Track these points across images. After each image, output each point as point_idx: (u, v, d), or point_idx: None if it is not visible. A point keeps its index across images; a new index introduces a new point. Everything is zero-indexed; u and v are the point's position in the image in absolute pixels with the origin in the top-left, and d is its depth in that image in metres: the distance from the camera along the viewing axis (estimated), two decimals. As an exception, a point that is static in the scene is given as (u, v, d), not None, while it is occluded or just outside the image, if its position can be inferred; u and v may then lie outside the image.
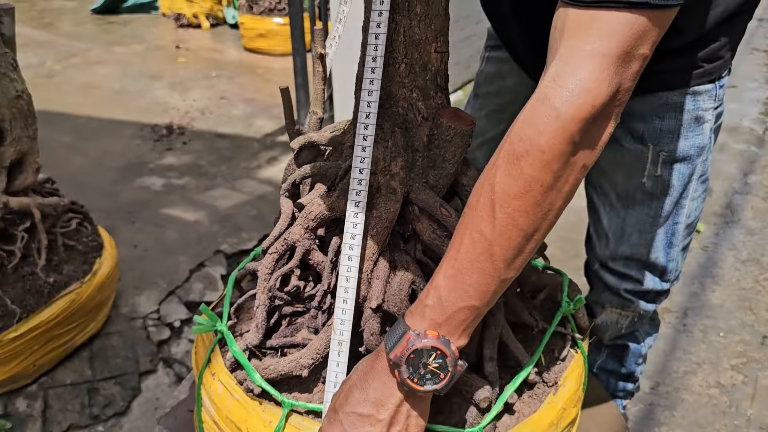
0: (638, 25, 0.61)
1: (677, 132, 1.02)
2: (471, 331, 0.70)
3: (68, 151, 3.04)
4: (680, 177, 1.06)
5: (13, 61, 1.48)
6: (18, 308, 1.50)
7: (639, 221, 1.11)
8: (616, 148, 1.08)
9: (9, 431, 1.50)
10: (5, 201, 1.51)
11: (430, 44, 0.80)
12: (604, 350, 1.33)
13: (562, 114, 0.61)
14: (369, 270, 0.82)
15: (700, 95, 1.00)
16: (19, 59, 3.62)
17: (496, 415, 0.81)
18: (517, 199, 0.64)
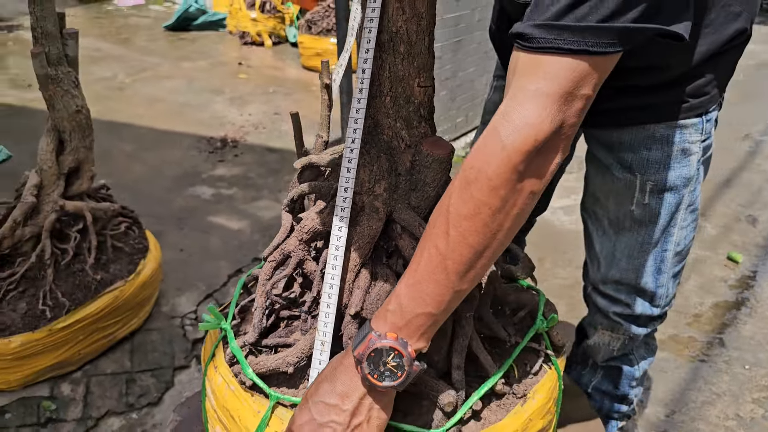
0: (579, 69, 0.68)
1: (664, 163, 1.07)
2: (429, 336, 0.78)
3: (129, 159, 3.27)
4: (667, 206, 1.10)
5: (75, 80, 1.66)
6: (67, 301, 1.67)
7: (628, 247, 1.16)
8: (608, 177, 1.13)
9: (53, 412, 1.66)
10: (62, 204, 1.68)
11: (413, 79, 0.88)
12: (599, 371, 1.36)
13: (507, 146, 0.69)
14: (351, 280, 0.91)
15: (686, 128, 1.05)
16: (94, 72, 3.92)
17: (460, 420, 0.88)
18: (467, 219, 0.71)
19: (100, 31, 6.22)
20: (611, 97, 1.04)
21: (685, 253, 1.19)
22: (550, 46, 0.67)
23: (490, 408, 0.93)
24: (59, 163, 1.70)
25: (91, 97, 4.21)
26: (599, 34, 0.66)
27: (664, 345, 2.08)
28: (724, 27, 0.98)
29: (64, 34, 1.64)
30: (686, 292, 2.36)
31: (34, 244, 1.69)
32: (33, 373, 1.67)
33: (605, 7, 0.65)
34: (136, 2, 7.68)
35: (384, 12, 0.85)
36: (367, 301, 0.90)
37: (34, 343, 1.62)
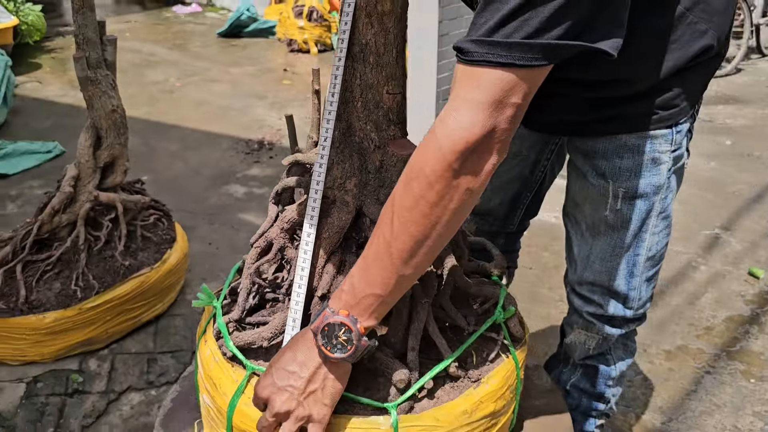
0: (507, 80, 0.76)
1: (634, 171, 1.13)
2: (378, 315, 0.87)
3: (172, 157, 3.46)
4: (638, 212, 1.16)
5: (112, 82, 1.82)
6: (97, 283, 1.83)
7: (602, 250, 1.22)
8: (584, 183, 1.20)
9: (80, 384, 1.81)
10: (96, 195, 1.85)
11: (382, 87, 0.98)
12: (578, 370, 1.42)
13: (443, 147, 0.77)
14: (321, 266, 1.01)
15: (656, 138, 1.11)
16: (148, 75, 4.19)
17: (413, 396, 0.96)
18: (408, 211, 0.81)
19: (157, 36, 6.54)
20: (586, 108, 1.12)
21: (659, 258, 1.24)
22: (482, 60, 0.76)
23: (444, 389, 1.01)
24: (96, 157, 1.87)
25: (144, 99, 4.48)
26: (525, 50, 0.74)
27: (670, 355, 2.10)
28: (690, 44, 1.04)
29: (104, 40, 1.80)
30: (700, 305, 2.36)
31: (70, 230, 1.86)
32: (64, 348, 1.84)
33: (529, 25, 0.73)
34: (194, 10, 8.01)
35: (355, 26, 0.95)
36: (334, 285, 1.00)
37: (65, 320, 1.79)
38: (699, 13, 1.03)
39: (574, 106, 1.13)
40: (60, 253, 1.83)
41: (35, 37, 5.61)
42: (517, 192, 1.45)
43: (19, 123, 3.92)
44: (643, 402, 1.92)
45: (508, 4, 0.73)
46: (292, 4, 6.04)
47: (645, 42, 1.01)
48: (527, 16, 0.73)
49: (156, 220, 2.08)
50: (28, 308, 1.76)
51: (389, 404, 0.95)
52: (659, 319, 2.28)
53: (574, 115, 1.14)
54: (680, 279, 2.53)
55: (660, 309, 2.34)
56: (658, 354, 2.12)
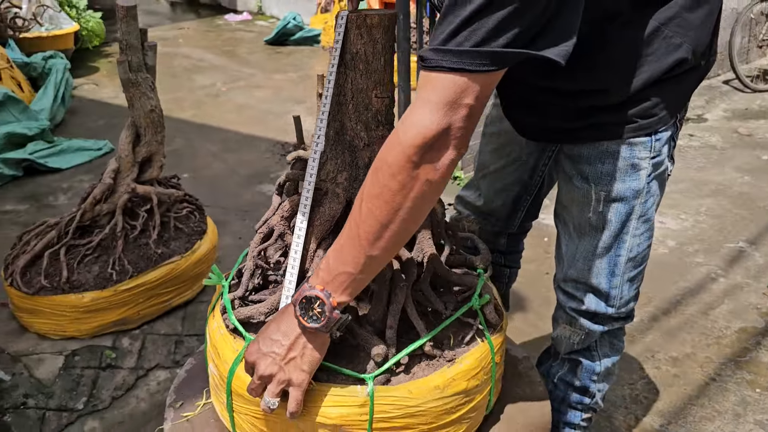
0: (459, 83, 0.86)
1: (615, 175, 1.20)
2: (351, 292, 0.97)
3: (212, 158, 3.66)
4: (618, 215, 1.23)
5: (151, 84, 1.99)
6: (131, 268, 1.99)
7: (586, 250, 1.30)
8: (571, 186, 1.28)
9: (113, 360, 1.98)
10: (133, 187, 2.02)
11: (371, 91, 1.10)
12: (565, 364, 1.49)
13: (402, 141, 0.88)
14: (313, 250, 1.13)
15: (636, 146, 1.18)
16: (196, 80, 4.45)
17: (389, 370, 1.07)
18: (374, 198, 0.91)
19: (208, 43, 6.83)
20: (570, 116, 1.20)
21: (640, 259, 1.30)
22: (437, 66, 0.85)
23: (419, 366, 1.11)
24: (135, 153, 2.04)
25: (191, 102, 4.71)
26: (474, 56, 0.84)
27: (677, 362, 2.14)
28: (665, 56, 1.11)
29: (146, 46, 1.97)
30: (714, 315, 2.38)
31: (110, 218, 2.03)
32: (100, 326, 2.01)
33: (477, 35, 0.83)
34: (244, 18, 8.31)
35: (347, 37, 1.07)
36: (323, 268, 1.11)
37: (102, 300, 1.96)
38: (674, 27, 1.10)
39: (559, 115, 1.21)
40: (99, 239, 2.00)
41: (94, 42, 5.95)
42: (517, 195, 1.53)
43: (75, 122, 4.19)
44: (644, 405, 1.96)
45: (459, 16, 0.83)
46: (336, 12, 6.22)
47: (620, 54, 1.09)
48: (475, 27, 0.82)
49: (188, 213, 2.25)
50: (69, 288, 1.94)
51: (367, 375, 1.05)
52: (670, 327, 2.31)
53: (560, 122, 1.22)
54: (697, 289, 2.54)
55: (672, 317, 2.37)
56: (665, 360, 2.15)
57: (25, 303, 1.97)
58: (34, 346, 2.00)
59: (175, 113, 4.35)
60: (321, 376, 1.08)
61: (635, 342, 2.24)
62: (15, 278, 1.96)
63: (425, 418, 1.07)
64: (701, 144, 4.09)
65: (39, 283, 1.94)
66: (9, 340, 2.03)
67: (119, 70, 1.93)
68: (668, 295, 2.51)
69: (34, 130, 3.45)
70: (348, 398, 1.05)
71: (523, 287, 2.46)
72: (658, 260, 2.74)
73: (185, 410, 1.30)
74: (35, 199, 3.10)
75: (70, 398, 1.84)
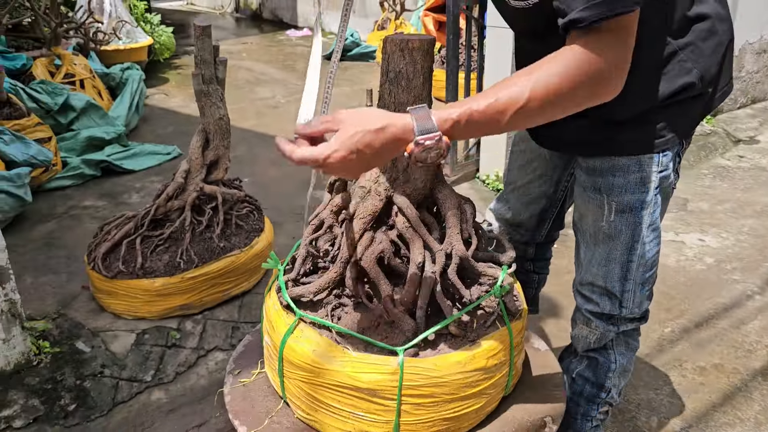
0: (621, 23, 0.99)
1: (625, 188, 1.33)
2: (457, 132, 1.01)
3: (270, 164, 3.91)
4: (629, 224, 1.36)
5: (221, 95, 2.23)
6: (197, 258, 2.22)
7: (600, 256, 1.42)
8: (586, 197, 1.41)
9: (177, 340, 2.21)
10: (201, 186, 2.25)
11: (410, 104, 1.27)
12: (583, 360, 1.62)
13: (588, 72, 1.00)
14: (356, 239, 1.31)
15: (644, 162, 1.31)
16: (258, 92, 4.77)
17: (417, 345, 1.24)
18: (548, 96, 1.00)
19: (269, 57, 7.17)
20: (584, 132, 1.33)
21: (650, 264, 1.41)
22: (599, 18, 0.98)
23: (445, 343, 1.27)
24: (203, 156, 2.28)
25: (252, 112, 5.01)
26: (622, 3, 0.97)
27: (704, 371, 2.22)
28: (675, 78, 1.24)
29: (217, 61, 2.21)
30: (746, 330, 2.44)
31: (179, 214, 2.27)
32: (167, 309, 2.25)
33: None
34: (305, 34, 8.66)
35: (391, 57, 1.25)
36: (364, 255, 1.29)
37: (170, 285, 2.19)
38: (688, 53, 1.23)
39: (574, 130, 1.35)
40: (170, 231, 2.24)
41: (165, 55, 6.36)
42: (543, 208, 1.67)
43: (147, 128, 4.54)
44: (668, 409, 2.06)
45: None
46: (392, 30, 6.46)
47: (642, 71, 1.22)
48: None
49: (248, 212, 2.47)
50: (142, 273, 2.19)
51: (398, 348, 1.23)
52: (701, 338, 2.39)
53: (575, 135, 1.36)
54: (731, 305, 2.60)
55: (704, 329, 2.44)
56: (692, 369, 2.24)
57: (104, 285, 2.22)
58: (110, 324, 2.25)
59: (239, 123, 4.63)
60: (359, 347, 1.25)
61: (664, 351, 2.33)
62: (97, 263, 2.22)
63: (448, 389, 1.24)
64: (751, 165, 4.10)
65: (117, 268, 2.19)
66: (89, 317, 2.28)
67: (193, 81, 2.17)
68: (702, 309, 2.57)
69: (111, 135, 3.78)
70: (381, 366, 1.22)
71: (558, 295, 2.57)
72: (695, 276, 2.81)
73: (242, 377, 1.50)
74: (111, 196, 3.41)
75: (140, 371, 2.07)
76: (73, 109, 3.78)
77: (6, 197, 2.79)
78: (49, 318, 2.25)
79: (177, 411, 1.97)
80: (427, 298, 1.26)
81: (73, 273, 2.57)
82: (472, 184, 3.67)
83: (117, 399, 1.97)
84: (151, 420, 1.93)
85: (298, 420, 1.35)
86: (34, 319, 2.20)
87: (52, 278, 2.55)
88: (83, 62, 4.37)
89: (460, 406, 1.26)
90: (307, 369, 1.27)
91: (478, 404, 1.29)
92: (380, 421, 1.25)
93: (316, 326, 1.31)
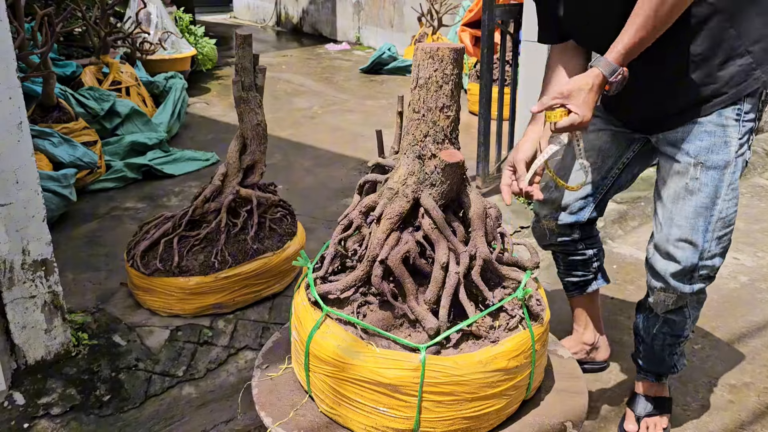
0: None
1: (711, 149, 1.50)
2: (623, 59, 1.36)
3: (305, 172, 3.99)
4: (713, 181, 1.51)
5: (259, 102, 2.31)
6: (230, 259, 2.29)
7: (686, 211, 1.55)
8: (672, 163, 1.56)
9: (209, 338, 2.27)
10: (237, 189, 2.33)
11: (439, 109, 1.32)
12: (660, 319, 1.75)
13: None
14: (383, 239, 1.35)
15: (727, 127, 1.48)
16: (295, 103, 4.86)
17: (440, 344, 1.27)
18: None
19: (308, 70, 7.31)
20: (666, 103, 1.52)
21: (728, 221, 1.55)
22: None
23: (467, 343, 1.30)
24: (240, 160, 2.35)
25: (290, 122, 5.12)
26: None
27: (734, 389, 2.19)
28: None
29: (257, 69, 2.29)
30: (779, 351, 2.40)
31: (216, 215, 2.34)
32: (200, 307, 2.31)
33: None
34: (343, 47, 8.80)
35: (422, 65, 1.30)
36: (390, 254, 1.33)
37: (204, 285, 2.26)
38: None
39: (658, 105, 1.54)
40: (206, 232, 2.32)
41: (208, 66, 6.54)
42: (589, 193, 1.82)
43: (187, 135, 4.67)
44: (694, 425, 2.03)
45: None
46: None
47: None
48: None
49: (282, 216, 2.53)
50: (178, 272, 2.26)
51: (421, 345, 1.26)
52: (731, 356, 2.35)
53: (659, 113, 1.55)
54: (764, 324, 2.56)
55: (736, 347, 2.41)
56: (722, 386, 2.21)
57: (142, 282, 2.30)
58: (145, 320, 2.33)
59: (276, 132, 4.74)
60: (381, 343, 1.29)
61: (694, 367, 2.30)
62: (135, 260, 2.30)
63: (468, 388, 1.26)
64: (791, 185, 4.02)
65: (154, 265, 2.27)
66: (126, 313, 2.37)
67: (233, 88, 2.25)
68: (734, 327, 2.54)
69: (153, 140, 3.91)
70: (403, 362, 1.25)
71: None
72: (728, 294, 2.77)
73: (270, 371, 1.55)
74: (151, 199, 3.53)
75: (173, 366, 2.14)
76: (118, 114, 3.92)
77: (52, 196, 2.91)
78: (88, 312, 2.34)
79: (206, 406, 2.03)
80: (450, 297, 1.30)
81: (112, 270, 2.67)
82: (503, 196, 3.68)
83: (149, 392, 2.04)
84: (181, 414, 1.99)
85: (322, 414, 1.39)
86: (73, 312, 2.29)
87: (92, 275, 2.65)
88: (129, 70, 4.54)
89: (480, 405, 1.28)
90: (331, 363, 1.31)
91: (498, 405, 1.31)
92: (401, 417, 1.28)
93: (341, 322, 1.36)
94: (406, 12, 7.90)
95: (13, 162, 1.81)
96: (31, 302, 1.95)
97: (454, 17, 6.98)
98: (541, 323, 1.37)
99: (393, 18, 8.40)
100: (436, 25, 6.69)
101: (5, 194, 1.81)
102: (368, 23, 8.91)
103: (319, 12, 9.89)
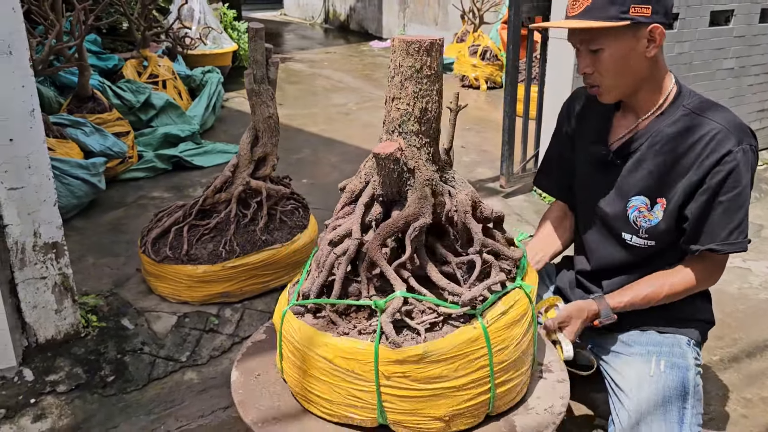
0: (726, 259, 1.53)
1: (671, 352, 1.57)
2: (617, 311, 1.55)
3: (332, 168, 4.02)
4: (677, 377, 1.55)
5: (271, 95, 2.33)
6: (239, 249, 2.33)
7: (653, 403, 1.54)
8: (626, 357, 1.60)
9: (216, 326, 2.32)
10: (248, 181, 2.36)
11: (391, 101, 1.30)
12: None
13: (697, 283, 1.52)
14: (338, 209, 1.35)
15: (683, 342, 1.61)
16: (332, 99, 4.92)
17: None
18: (669, 290, 1.51)
19: (349, 66, 7.36)
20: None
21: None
22: (732, 251, 1.48)
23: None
24: (252, 152, 2.39)
25: (323, 118, 5.17)
26: (741, 244, 1.46)
27: (749, 403, 2.09)
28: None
29: (269, 62, 2.32)
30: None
31: (226, 205, 2.39)
32: (208, 295, 2.36)
33: (744, 232, 1.45)
34: (387, 45, 8.82)
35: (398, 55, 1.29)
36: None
37: (212, 273, 2.31)
38: None
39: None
40: (216, 222, 2.36)
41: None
42: None
43: (222, 128, 4.77)
44: (703, 438, 1.95)
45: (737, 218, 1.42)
46: (470, 43, 6.47)
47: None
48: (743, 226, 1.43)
49: (294, 209, 2.56)
50: (187, 259, 2.31)
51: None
52: (750, 370, 2.25)
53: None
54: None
55: (755, 361, 2.30)
56: (736, 400, 2.11)
57: (153, 268, 2.36)
58: (155, 305, 2.39)
59: (308, 127, 4.79)
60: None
61: (710, 380, 2.21)
62: (147, 247, 2.37)
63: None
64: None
65: (164, 253, 2.33)
66: (137, 298, 2.44)
67: (245, 81, 2.29)
68: (757, 340, 2.42)
69: (186, 132, 4.01)
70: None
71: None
72: (756, 305, 2.65)
73: (254, 357, 1.57)
74: (178, 189, 3.62)
75: (177, 351, 2.19)
76: (153, 107, 4.04)
77: (81, 184, 3.02)
78: (102, 295, 2.41)
79: (207, 392, 2.07)
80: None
81: (130, 257, 2.75)
82: (528, 196, 3.61)
83: (153, 375, 2.10)
84: (182, 398, 2.03)
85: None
86: (87, 295, 2.37)
87: (112, 260, 2.74)
88: (167, 64, 4.66)
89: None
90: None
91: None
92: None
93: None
94: (450, 10, 7.85)
95: (26, 148, 1.88)
96: (41, 283, 2.03)
97: (496, 14, 6.90)
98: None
99: (437, 15, 8.37)
100: (477, 23, 6.63)
101: (18, 179, 1.89)
102: (413, 20, 8.90)
103: (366, 9, 9.94)
